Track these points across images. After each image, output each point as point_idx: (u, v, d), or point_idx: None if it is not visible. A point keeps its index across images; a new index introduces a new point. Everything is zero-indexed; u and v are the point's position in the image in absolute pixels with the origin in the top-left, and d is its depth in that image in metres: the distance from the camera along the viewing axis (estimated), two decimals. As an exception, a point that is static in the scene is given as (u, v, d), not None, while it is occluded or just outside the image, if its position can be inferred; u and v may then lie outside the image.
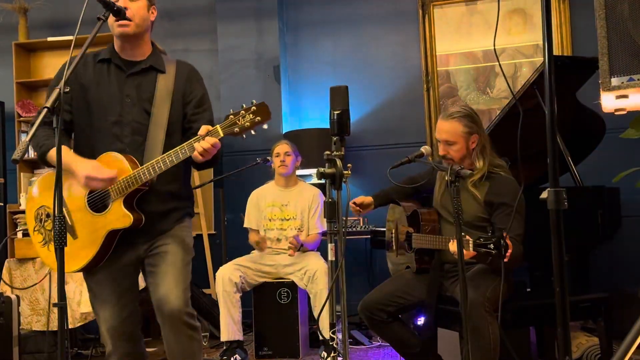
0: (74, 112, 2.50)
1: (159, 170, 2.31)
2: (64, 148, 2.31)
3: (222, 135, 2.22)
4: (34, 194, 2.52)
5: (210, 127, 2.23)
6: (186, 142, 2.27)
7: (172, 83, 2.49)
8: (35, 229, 2.49)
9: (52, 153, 2.35)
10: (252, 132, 2.20)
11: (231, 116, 2.21)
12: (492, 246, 2.38)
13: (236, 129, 2.19)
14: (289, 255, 4.11)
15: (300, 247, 4.11)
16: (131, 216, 2.33)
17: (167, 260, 2.43)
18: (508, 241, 2.38)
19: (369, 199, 3.33)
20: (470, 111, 2.96)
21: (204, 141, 2.21)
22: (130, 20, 2.36)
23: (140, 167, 2.33)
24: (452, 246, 2.64)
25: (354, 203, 3.29)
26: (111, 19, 2.35)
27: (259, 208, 4.34)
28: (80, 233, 2.41)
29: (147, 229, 2.43)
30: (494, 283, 2.77)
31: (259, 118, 2.17)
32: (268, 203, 4.31)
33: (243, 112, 2.19)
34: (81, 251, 2.40)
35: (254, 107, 2.18)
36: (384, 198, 3.38)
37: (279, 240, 4.25)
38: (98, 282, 2.48)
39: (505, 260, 2.40)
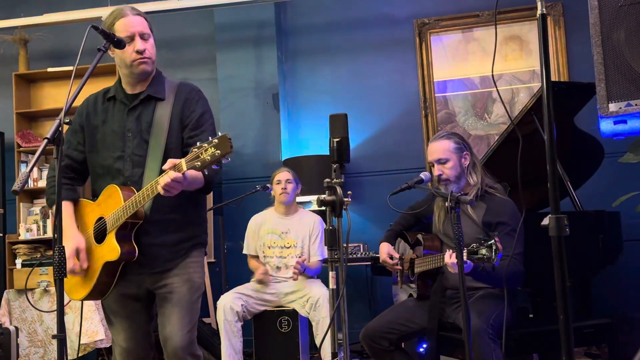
0: (86, 152, 2.52)
1: (140, 205, 2.27)
2: (67, 206, 2.44)
3: (185, 169, 2.09)
4: None
5: (176, 161, 2.13)
6: (158, 177, 2.20)
7: (169, 109, 2.46)
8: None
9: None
10: (214, 166, 2.09)
11: (194, 149, 2.08)
12: (483, 251, 2.39)
13: (197, 163, 2.07)
14: (293, 279, 4.08)
15: (303, 272, 4.08)
16: (118, 250, 2.30)
17: (172, 301, 2.42)
18: (499, 245, 2.38)
19: (389, 246, 3.28)
20: (455, 132, 3.13)
21: (165, 176, 2.12)
22: (149, 58, 2.42)
23: (126, 201, 2.30)
24: (447, 258, 2.64)
25: (391, 258, 3.23)
26: (129, 56, 2.38)
27: (258, 234, 4.32)
28: (88, 262, 2.42)
29: (150, 262, 2.41)
30: (497, 309, 2.75)
31: (219, 152, 2.04)
32: (268, 230, 4.29)
33: (206, 145, 2.06)
34: (86, 280, 2.42)
35: (215, 140, 2.06)
36: (392, 235, 3.37)
37: (278, 268, 4.22)
38: (110, 307, 2.51)
39: (496, 263, 2.40)
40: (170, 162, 2.14)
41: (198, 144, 2.09)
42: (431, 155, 3.04)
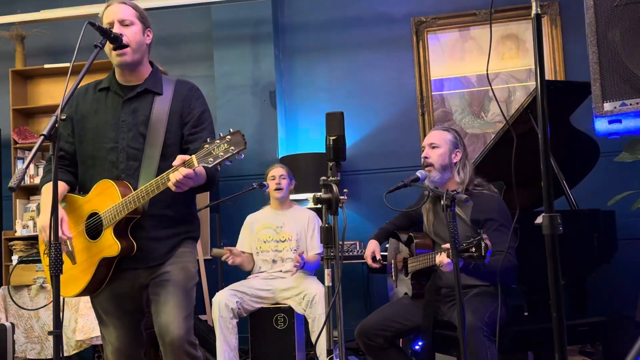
0: (75, 143, 2.51)
1: (143, 200, 2.27)
2: (51, 187, 2.35)
3: (196, 166, 2.10)
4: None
5: (186, 157, 2.14)
6: (164, 173, 2.20)
7: (168, 104, 2.45)
8: (45, 252, 2.49)
9: (44, 189, 2.45)
10: (228, 162, 2.08)
11: (206, 145, 2.08)
12: (473, 249, 2.40)
13: (210, 159, 2.06)
14: (292, 274, 4.08)
15: (303, 266, 4.07)
16: (118, 245, 2.29)
17: (168, 288, 2.40)
18: (487, 242, 2.40)
19: (376, 245, 3.32)
20: (457, 130, 3.18)
21: (177, 172, 2.13)
22: (127, 46, 2.36)
23: (127, 196, 2.29)
24: (439, 258, 2.65)
25: (373, 258, 3.28)
26: (109, 48, 2.36)
27: (251, 230, 4.34)
28: (79, 258, 2.40)
29: (145, 256, 2.40)
30: (492, 307, 2.76)
31: (232, 148, 2.04)
32: (262, 225, 4.31)
33: (218, 141, 2.06)
34: (80, 276, 2.40)
35: (228, 137, 2.05)
36: (383, 234, 3.39)
37: (274, 261, 4.23)
38: (102, 305, 2.49)
39: (486, 260, 2.42)
40: (180, 158, 2.15)
41: (208, 140, 2.10)
42: (426, 140, 3.10)
